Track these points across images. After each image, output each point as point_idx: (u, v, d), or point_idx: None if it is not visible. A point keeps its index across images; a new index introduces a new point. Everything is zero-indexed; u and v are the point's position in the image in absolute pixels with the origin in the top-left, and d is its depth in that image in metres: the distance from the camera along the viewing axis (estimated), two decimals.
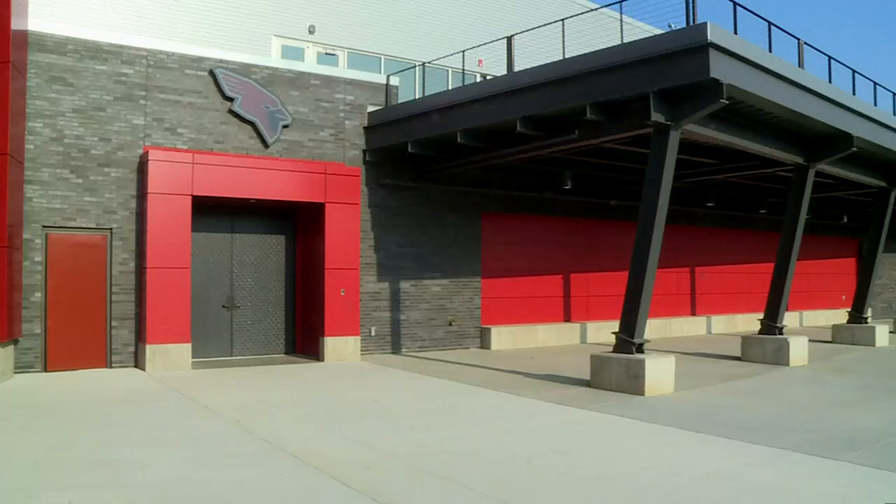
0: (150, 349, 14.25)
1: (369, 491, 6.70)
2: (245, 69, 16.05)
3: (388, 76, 18.36)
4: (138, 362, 14.63)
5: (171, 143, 15.14)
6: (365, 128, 17.57)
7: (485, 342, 19.42)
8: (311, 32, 22.44)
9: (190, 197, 14.76)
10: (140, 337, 14.58)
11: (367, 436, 9.11)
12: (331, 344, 16.27)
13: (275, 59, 18.90)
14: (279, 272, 17.22)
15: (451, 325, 18.97)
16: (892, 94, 19.47)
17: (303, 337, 17.22)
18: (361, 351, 16.89)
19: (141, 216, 14.70)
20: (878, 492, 6.91)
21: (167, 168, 14.53)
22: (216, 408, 10.76)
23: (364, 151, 17.52)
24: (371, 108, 17.65)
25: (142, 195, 14.67)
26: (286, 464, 7.74)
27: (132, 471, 7.36)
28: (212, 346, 16.08)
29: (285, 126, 16.44)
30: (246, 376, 14.07)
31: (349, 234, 16.65)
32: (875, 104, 17.93)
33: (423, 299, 18.50)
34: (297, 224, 17.49)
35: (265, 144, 16.19)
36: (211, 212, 15.84)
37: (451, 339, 19.02)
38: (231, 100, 15.78)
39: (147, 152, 14.58)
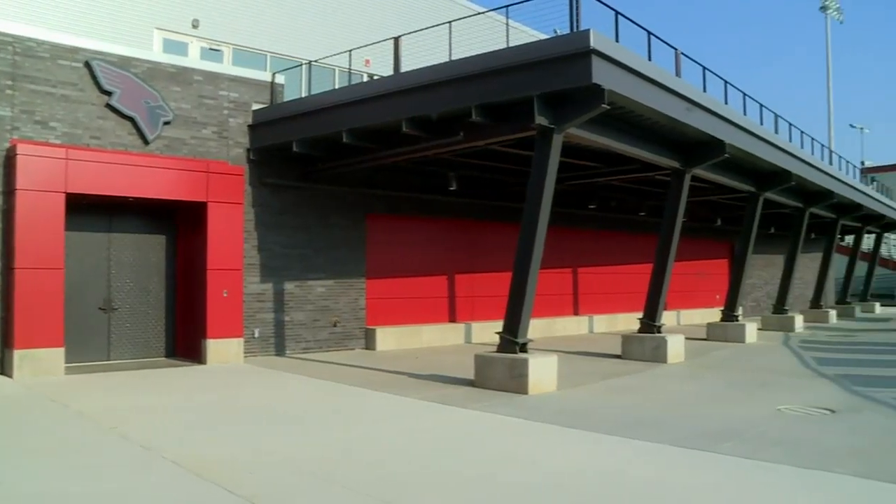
0: (18, 354, 13.51)
1: (251, 495, 6.55)
2: (124, 62, 15.45)
3: (273, 74, 18.07)
4: (5, 369, 13.83)
5: (42, 137, 14.40)
6: (249, 126, 17.21)
7: (370, 343, 19.34)
8: (194, 27, 21.81)
9: (63, 194, 14.09)
10: (7, 342, 13.81)
11: (249, 439, 8.94)
12: (213, 346, 15.87)
13: (156, 53, 18.29)
14: (159, 273, 16.65)
15: (335, 326, 18.80)
16: (759, 105, 20.53)
17: (184, 339, 16.71)
18: (245, 353, 16.54)
19: (8, 214, 13.93)
20: (749, 479, 7.25)
21: (38, 163, 13.83)
22: (91, 414, 10.31)
23: (248, 150, 17.16)
24: (256, 106, 17.31)
25: (8, 191, 13.90)
26: (166, 470, 7.49)
27: (4, 484, 6.95)
28: (88, 350, 15.38)
29: (167, 122, 15.92)
30: (123, 381, 13.54)
31: (232, 234, 16.29)
32: (745, 114, 18.82)
33: (308, 300, 18.27)
34: (179, 224, 16.96)
35: (145, 141, 15.62)
36: (87, 210, 15.17)
37: (336, 340, 18.85)
38: (109, 94, 15.15)
39: (15, 146, 13.84)
